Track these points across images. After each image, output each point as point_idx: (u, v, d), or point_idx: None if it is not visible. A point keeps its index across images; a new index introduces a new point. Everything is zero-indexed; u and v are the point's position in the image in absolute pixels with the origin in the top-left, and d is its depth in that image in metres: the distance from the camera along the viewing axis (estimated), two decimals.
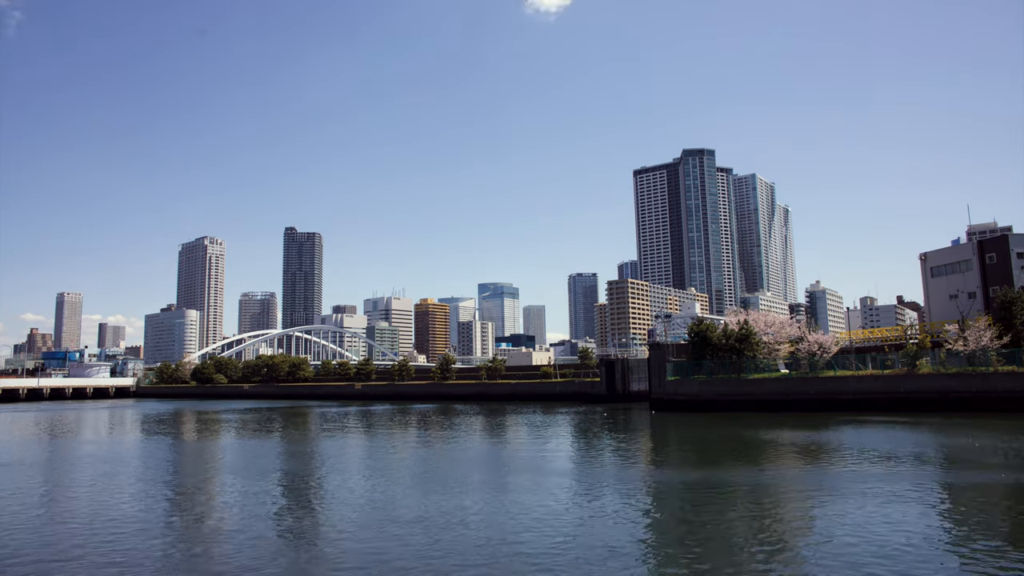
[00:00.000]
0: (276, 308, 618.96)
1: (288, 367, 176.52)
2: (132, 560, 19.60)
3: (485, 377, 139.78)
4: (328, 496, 29.66)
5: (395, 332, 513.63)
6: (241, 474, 36.65)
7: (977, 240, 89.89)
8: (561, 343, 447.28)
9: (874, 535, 20.33)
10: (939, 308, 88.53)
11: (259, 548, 20.68)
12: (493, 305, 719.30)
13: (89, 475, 37.42)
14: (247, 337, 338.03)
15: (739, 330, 78.66)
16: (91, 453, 49.57)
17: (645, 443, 51.40)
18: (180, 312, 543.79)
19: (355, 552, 20.01)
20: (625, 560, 18.65)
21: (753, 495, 27.38)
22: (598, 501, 27.04)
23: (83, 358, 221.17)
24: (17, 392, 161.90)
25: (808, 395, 69.55)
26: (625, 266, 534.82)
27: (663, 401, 79.68)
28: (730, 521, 23.04)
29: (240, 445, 54.60)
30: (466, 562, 18.58)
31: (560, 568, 17.88)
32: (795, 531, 21.82)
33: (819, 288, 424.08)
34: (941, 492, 27.82)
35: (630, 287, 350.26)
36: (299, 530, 23.54)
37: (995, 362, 63.78)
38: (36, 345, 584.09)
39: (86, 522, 24.84)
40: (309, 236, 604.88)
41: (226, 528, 23.73)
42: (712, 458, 41.14)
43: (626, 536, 21.33)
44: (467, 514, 24.56)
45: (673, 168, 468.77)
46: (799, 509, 25.41)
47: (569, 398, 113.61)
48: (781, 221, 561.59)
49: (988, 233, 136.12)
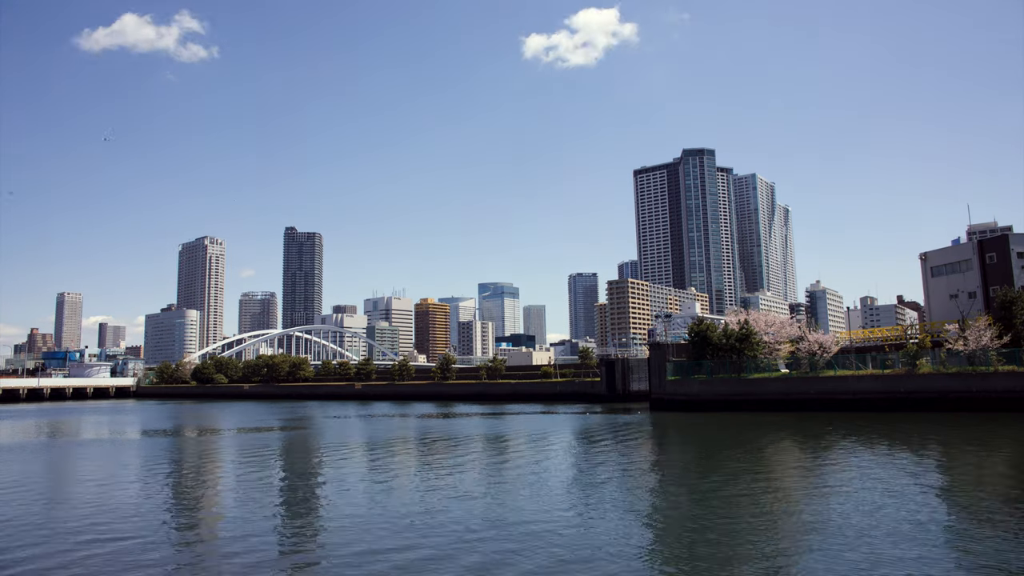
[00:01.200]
0: (276, 308, 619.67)
1: (288, 367, 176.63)
2: (132, 561, 19.62)
3: (485, 377, 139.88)
4: (329, 497, 29.68)
5: (395, 332, 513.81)
6: (241, 478, 36.63)
7: (977, 240, 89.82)
8: (561, 343, 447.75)
9: (874, 533, 20.34)
10: (939, 308, 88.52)
11: (259, 549, 20.69)
12: (493, 305, 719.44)
13: (89, 476, 37.40)
14: (247, 337, 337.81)
15: (739, 330, 78.68)
16: (91, 454, 49.56)
17: (644, 442, 51.38)
18: (180, 312, 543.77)
19: (355, 552, 20.02)
20: (625, 559, 18.67)
21: (752, 496, 27.38)
22: (598, 500, 27.05)
23: (83, 358, 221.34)
24: (17, 392, 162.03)
25: (808, 395, 69.57)
26: (625, 266, 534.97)
27: (663, 401, 79.71)
28: (730, 520, 23.05)
29: (240, 446, 54.59)
30: (467, 561, 18.59)
31: (559, 567, 17.90)
32: (795, 531, 21.84)
33: (819, 288, 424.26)
34: (942, 491, 27.85)
35: (630, 287, 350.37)
36: (299, 530, 23.57)
37: (995, 362, 63.78)
38: (36, 345, 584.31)
39: (87, 523, 24.84)
40: (309, 236, 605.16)
41: (227, 529, 23.74)
42: (712, 458, 41.12)
43: (626, 536, 21.34)
44: (467, 513, 24.59)
45: (673, 168, 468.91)
46: (799, 509, 25.41)
47: (569, 398, 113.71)
48: (781, 221, 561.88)
49: (988, 233, 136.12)
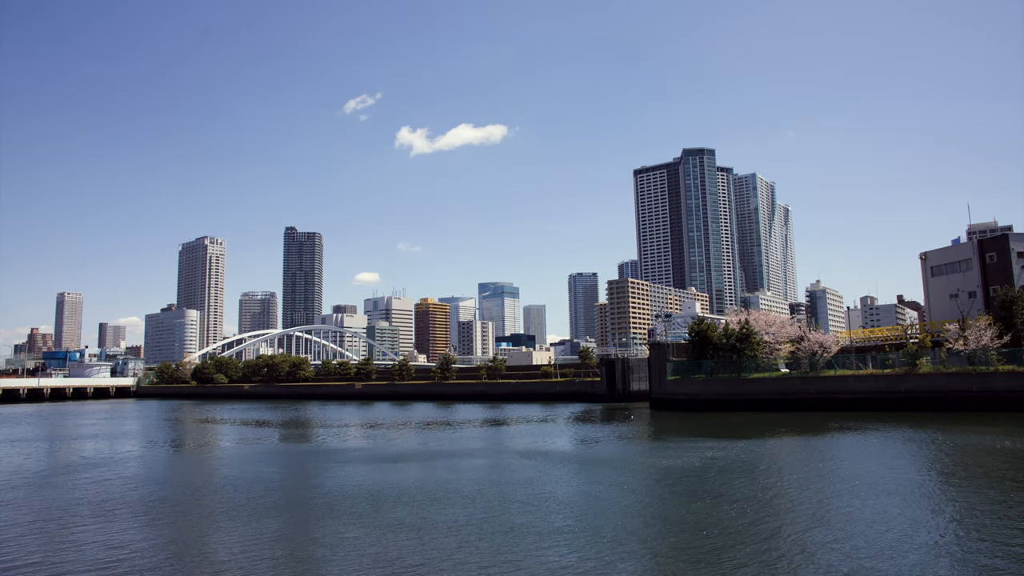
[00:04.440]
0: (276, 308, 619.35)
1: (288, 367, 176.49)
2: (134, 562, 19.62)
3: (485, 377, 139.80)
4: (330, 499, 29.69)
5: (395, 332, 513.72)
6: (240, 480, 36.64)
7: (977, 239, 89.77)
8: (561, 343, 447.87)
9: (872, 531, 20.35)
10: (939, 307, 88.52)
11: (258, 550, 20.70)
12: (493, 305, 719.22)
13: (89, 478, 37.43)
14: (247, 337, 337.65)
15: (739, 330, 78.68)
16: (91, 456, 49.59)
17: (644, 442, 51.38)
18: (180, 312, 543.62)
19: (356, 551, 20.03)
20: (626, 560, 18.68)
21: (752, 493, 27.41)
22: (597, 498, 27.07)
23: (83, 358, 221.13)
24: (17, 392, 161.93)
25: (808, 394, 69.60)
26: (625, 266, 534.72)
27: (663, 401, 79.73)
28: (729, 520, 23.08)
29: (240, 448, 54.61)
30: (467, 559, 18.60)
31: (561, 566, 17.91)
32: (794, 529, 21.85)
33: (819, 288, 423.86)
34: (943, 491, 27.85)
35: (630, 287, 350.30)
36: (300, 531, 23.59)
37: (995, 361, 63.82)
38: (36, 345, 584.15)
39: (86, 524, 24.86)
40: (309, 236, 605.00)
41: (227, 529, 23.75)
42: (712, 457, 41.11)
43: (626, 534, 21.36)
44: (468, 512, 24.59)
45: (673, 168, 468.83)
46: (799, 508, 25.44)
47: (569, 397, 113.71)
48: (781, 221, 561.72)
49: (988, 232, 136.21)
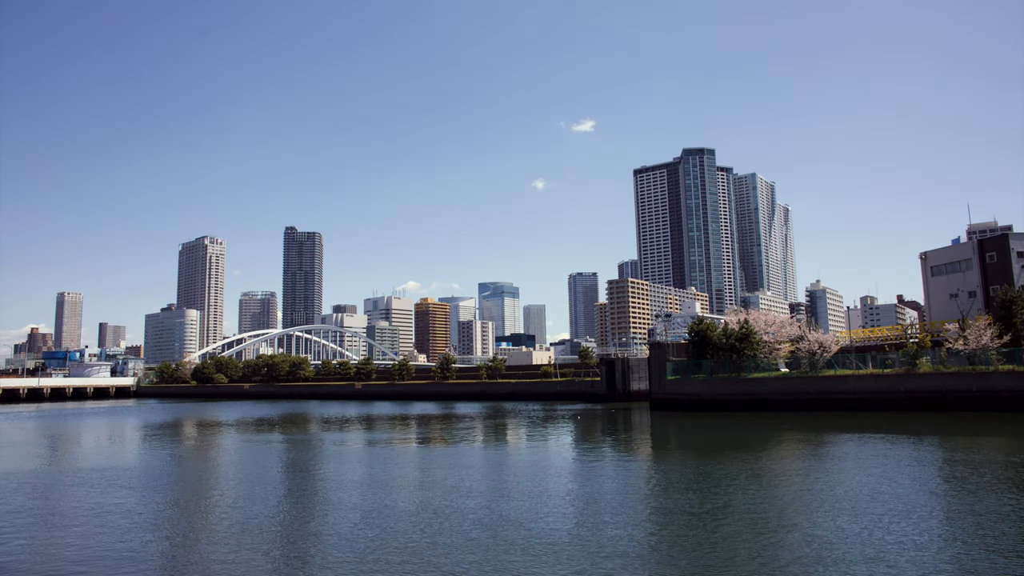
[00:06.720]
0: (276, 308, 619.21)
1: (288, 367, 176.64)
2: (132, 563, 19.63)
3: (485, 376, 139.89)
4: (331, 499, 29.70)
5: (395, 332, 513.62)
6: (240, 480, 36.67)
7: (977, 239, 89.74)
8: (561, 342, 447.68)
9: (873, 532, 20.36)
10: (939, 307, 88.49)
11: (258, 551, 20.71)
12: (493, 305, 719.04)
13: (88, 480, 37.45)
14: (247, 337, 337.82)
15: (739, 329, 78.64)
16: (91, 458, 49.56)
17: (644, 442, 51.42)
18: (180, 312, 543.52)
19: (355, 552, 20.03)
20: (626, 558, 18.68)
21: (752, 493, 27.41)
22: (597, 498, 27.07)
23: (83, 358, 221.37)
24: (17, 392, 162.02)
25: (808, 394, 69.58)
26: (625, 265, 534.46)
27: (663, 400, 79.71)
28: (729, 519, 23.08)
29: (239, 449, 54.64)
30: (467, 559, 18.60)
31: (559, 566, 17.92)
32: (793, 529, 21.86)
33: (819, 287, 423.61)
34: (941, 490, 27.86)
35: (630, 286, 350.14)
36: (300, 531, 23.58)
37: (995, 361, 63.82)
38: (36, 345, 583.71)
39: (86, 525, 24.87)
40: (309, 236, 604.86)
41: (226, 532, 23.76)
42: (711, 457, 41.14)
43: (625, 534, 21.36)
44: (468, 510, 24.60)
45: (673, 167, 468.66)
46: (798, 508, 25.44)
47: (569, 397, 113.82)
48: (781, 221, 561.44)
49: (988, 232, 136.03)
